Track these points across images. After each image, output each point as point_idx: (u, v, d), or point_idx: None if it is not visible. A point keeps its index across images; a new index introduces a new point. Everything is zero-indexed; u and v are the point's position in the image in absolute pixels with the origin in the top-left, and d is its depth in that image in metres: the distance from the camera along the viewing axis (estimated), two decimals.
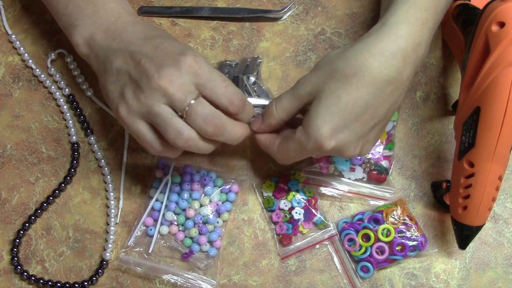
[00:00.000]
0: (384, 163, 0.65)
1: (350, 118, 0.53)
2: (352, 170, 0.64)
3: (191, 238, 0.63)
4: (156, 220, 0.64)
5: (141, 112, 0.54)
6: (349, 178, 0.64)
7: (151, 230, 0.64)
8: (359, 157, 0.64)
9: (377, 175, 0.64)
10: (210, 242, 0.63)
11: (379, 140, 0.64)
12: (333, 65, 0.53)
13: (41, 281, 0.62)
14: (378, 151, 0.65)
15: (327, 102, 0.53)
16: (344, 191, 0.64)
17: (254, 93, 0.65)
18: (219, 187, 0.65)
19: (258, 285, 0.63)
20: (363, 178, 0.65)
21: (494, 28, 0.53)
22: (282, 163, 0.60)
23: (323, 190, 0.64)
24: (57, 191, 0.65)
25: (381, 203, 0.65)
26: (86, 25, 0.59)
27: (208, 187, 0.64)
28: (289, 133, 0.57)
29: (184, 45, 0.56)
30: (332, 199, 0.65)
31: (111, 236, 0.63)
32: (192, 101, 0.53)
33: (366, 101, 0.52)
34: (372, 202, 0.65)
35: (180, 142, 0.53)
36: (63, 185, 0.65)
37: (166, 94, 0.52)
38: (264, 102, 0.59)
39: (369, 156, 0.64)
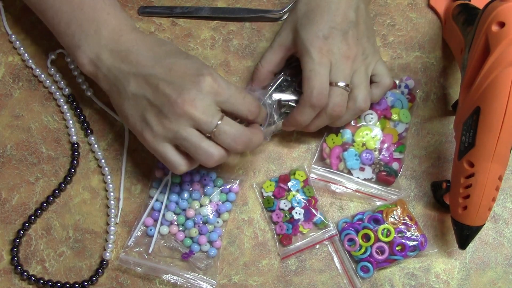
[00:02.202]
0: (394, 165, 0.65)
1: (331, 23, 0.58)
2: (362, 169, 0.64)
3: (191, 238, 0.63)
4: (156, 220, 0.64)
5: (167, 136, 0.55)
6: (358, 177, 0.64)
7: (151, 230, 0.64)
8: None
9: (386, 176, 0.64)
10: (210, 242, 0.63)
11: (391, 141, 0.64)
12: (296, 12, 0.60)
13: (41, 281, 0.62)
14: (388, 152, 0.64)
15: (305, 25, 0.58)
16: (352, 189, 0.64)
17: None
18: (219, 187, 0.65)
19: (258, 285, 0.63)
20: (372, 178, 0.64)
21: (494, 28, 0.53)
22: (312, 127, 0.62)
23: (332, 187, 0.64)
24: (57, 191, 0.65)
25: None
26: (90, 45, 0.58)
27: (208, 187, 0.64)
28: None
29: (196, 61, 0.56)
30: (332, 199, 0.65)
31: (111, 236, 0.63)
32: (219, 122, 0.54)
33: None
34: (379, 203, 0.64)
35: (211, 163, 0.55)
36: (63, 185, 0.65)
37: (192, 119, 0.53)
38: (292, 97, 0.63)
39: (380, 157, 0.64)
